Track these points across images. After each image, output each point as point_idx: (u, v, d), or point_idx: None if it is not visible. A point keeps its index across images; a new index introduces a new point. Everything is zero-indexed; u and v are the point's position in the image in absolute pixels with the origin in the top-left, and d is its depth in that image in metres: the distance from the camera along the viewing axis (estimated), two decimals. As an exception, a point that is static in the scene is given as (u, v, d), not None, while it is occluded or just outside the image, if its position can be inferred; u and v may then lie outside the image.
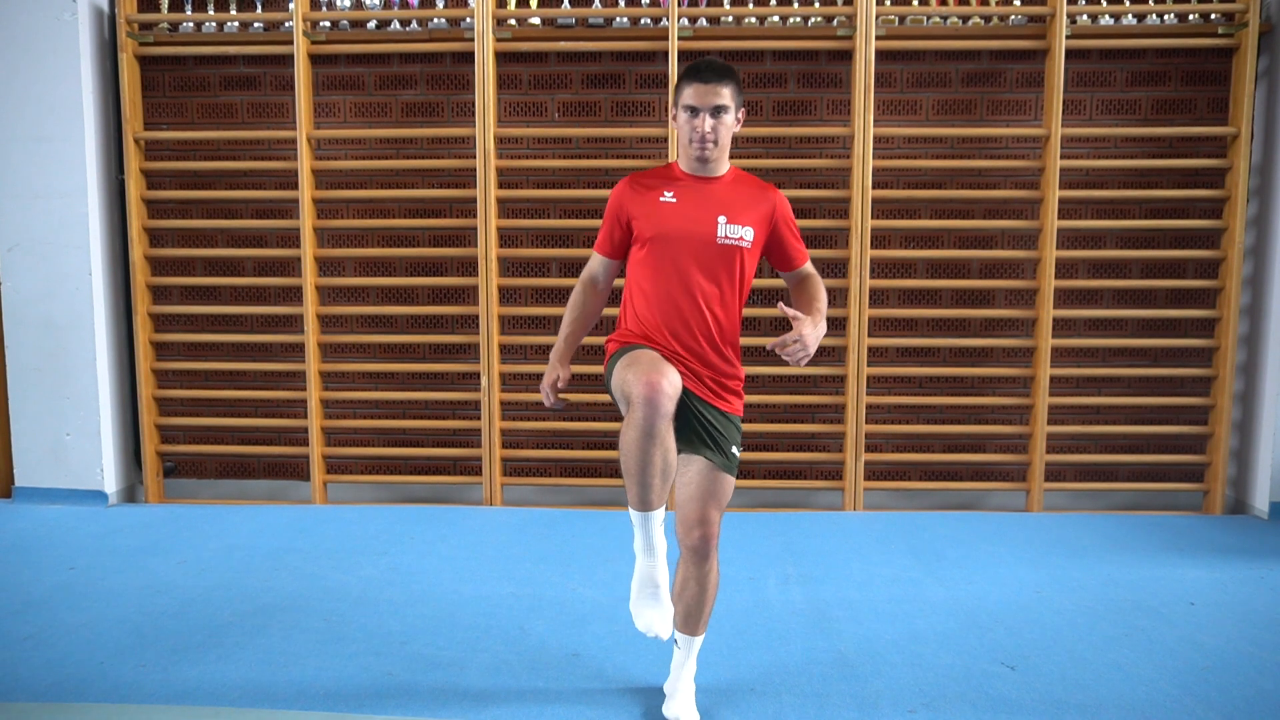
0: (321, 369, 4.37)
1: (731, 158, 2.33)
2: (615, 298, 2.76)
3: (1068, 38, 4.05)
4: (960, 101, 4.25)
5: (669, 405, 2.01)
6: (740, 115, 2.25)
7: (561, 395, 2.39)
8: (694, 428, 2.26)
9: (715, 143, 2.21)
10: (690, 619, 2.34)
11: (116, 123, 4.32)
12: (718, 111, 2.18)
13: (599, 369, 2.61)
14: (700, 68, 2.19)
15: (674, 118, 2.26)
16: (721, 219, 2.22)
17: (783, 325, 4.30)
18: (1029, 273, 4.26)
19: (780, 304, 2.12)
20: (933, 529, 3.92)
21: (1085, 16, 4.08)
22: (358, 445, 4.47)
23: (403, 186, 4.35)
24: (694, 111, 2.18)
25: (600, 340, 3.53)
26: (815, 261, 4.30)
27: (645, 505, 2.10)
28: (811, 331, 2.08)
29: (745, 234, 2.23)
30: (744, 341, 4.43)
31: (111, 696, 2.44)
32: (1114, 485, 4.28)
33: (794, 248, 2.34)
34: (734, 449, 2.30)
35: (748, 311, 4.19)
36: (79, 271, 4.21)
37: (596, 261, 2.41)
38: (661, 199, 2.26)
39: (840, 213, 4.23)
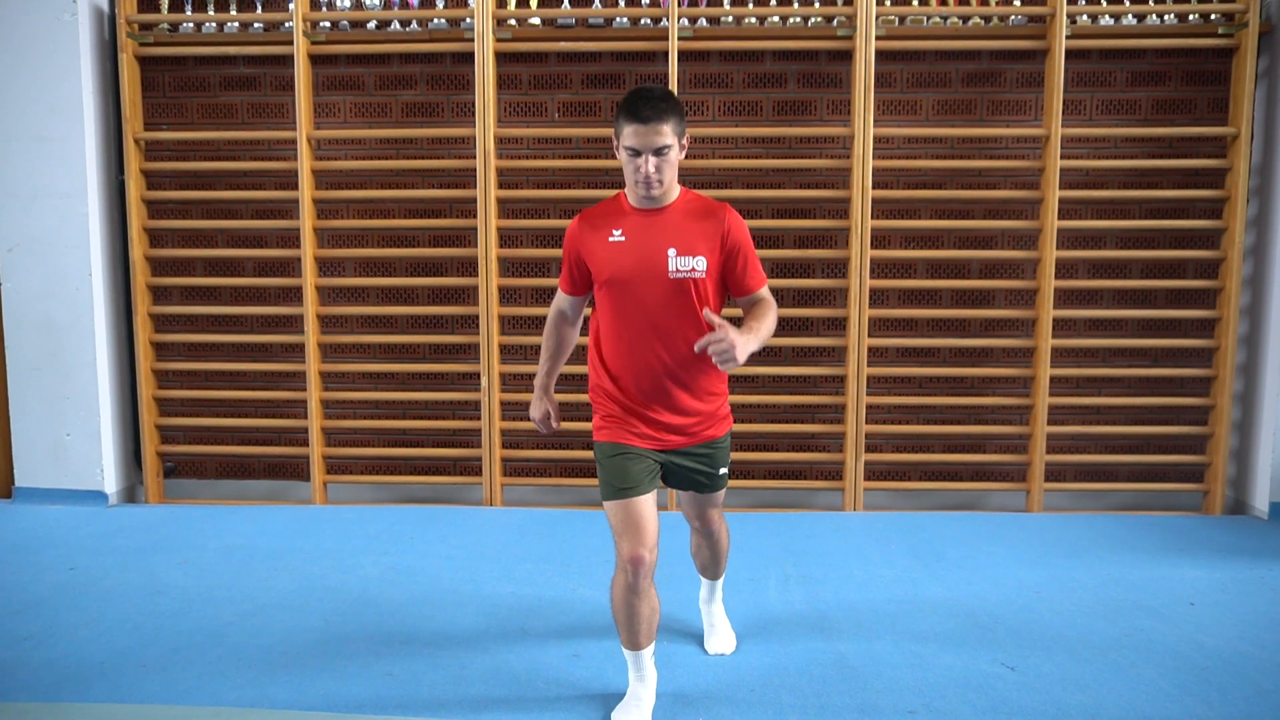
0: (321, 369, 4.37)
1: (732, 158, 2.32)
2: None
3: (1068, 38, 4.05)
4: (960, 101, 4.25)
5: (650, 570, 2.24)
6: (684, 143, 2.19)
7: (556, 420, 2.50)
8: (682, 479, 2.39)
9: (661, 181, 2.15)
10: (708, 569, 2.67)
11: (116, 123, 4.32)
12: (661, 151, 2.11)
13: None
14: (638, 106, 2.09)
15: (616, 149, 2.18)
16: (671, 252, 2.17)
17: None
18: (1029, 273, 4.26)
19: (705, 311, 2.11)
20: (933, 529, 3.92)
21: (1085, 16, 4.08)
22: (358, 445, 4.47)
23: (403, 187, 4.35)
24: (636, 153, 2.11)
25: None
26: (816, 261, 4.33)
27: (634, 646, 2.31)
28: (740, 338, 2.00)
29: (697, 264, 2.17)
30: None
31: (111, 696, 2.44)
32: (1114, 485, 4.28)
33: (745, 273, 2.26)
34: (722, 470, 2.40)
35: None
36: (79, 271, 4.21)
37: (562, 299, 2.41)
38: (611, 239, 2.21)
39: (840, 213, 4.23)
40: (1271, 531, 3.93)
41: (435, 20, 4.17)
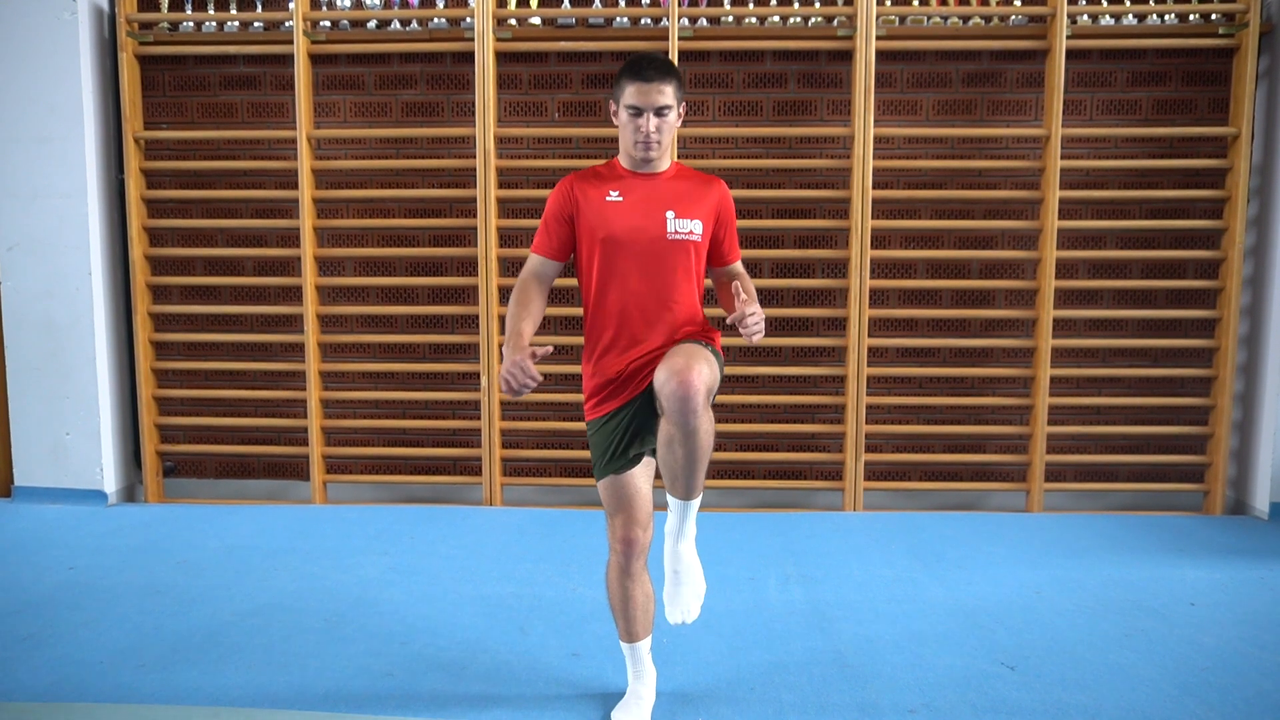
0: (321, 369, 4.37)
1: (732, 158, 2.31)
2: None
3: (1068, 38, 4.05)
4: (960, 102, 4.24)
5: (643, 551, 2.23)
6: (681, 110, 2.21)
7: (540, 368, 2.33)
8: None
9: (660, 142, 2.17)
10: (678, 481, 2.08)
11: (116, 122, 4.32)
12: (661, 111, 2.13)
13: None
14: (642, 65, 2.12)
15: (614, 114, 2.21)
16: (670, 214, 2.19)
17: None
18: (1029, 273, 4.26)
19: (735, 285, 2.16)
20: (933, 529, 3.92)
21: (1085, 16, 4.08)
22: (358, 445, 4.47)
23: (403, 186, 4.35)
24: (637, 111, 2.13)
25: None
26: (816, 261, 4.34)
27: (631, 637, 2.32)
28: (759, 310, 2.09)
29: (695, 227, 2.20)
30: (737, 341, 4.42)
31: (111, 696, 2.44)
32: (1114, 485, 4.28)
33: (731, 243, 2.33)
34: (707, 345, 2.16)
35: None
36: (79, 271, 4.21)
37: (536, 262, 2.25)
38: (608, 199, 2.20)
39: (840, 213, 4.23)
40: (1271, 531, 3.93)
41: (435, 20, 4.17)
